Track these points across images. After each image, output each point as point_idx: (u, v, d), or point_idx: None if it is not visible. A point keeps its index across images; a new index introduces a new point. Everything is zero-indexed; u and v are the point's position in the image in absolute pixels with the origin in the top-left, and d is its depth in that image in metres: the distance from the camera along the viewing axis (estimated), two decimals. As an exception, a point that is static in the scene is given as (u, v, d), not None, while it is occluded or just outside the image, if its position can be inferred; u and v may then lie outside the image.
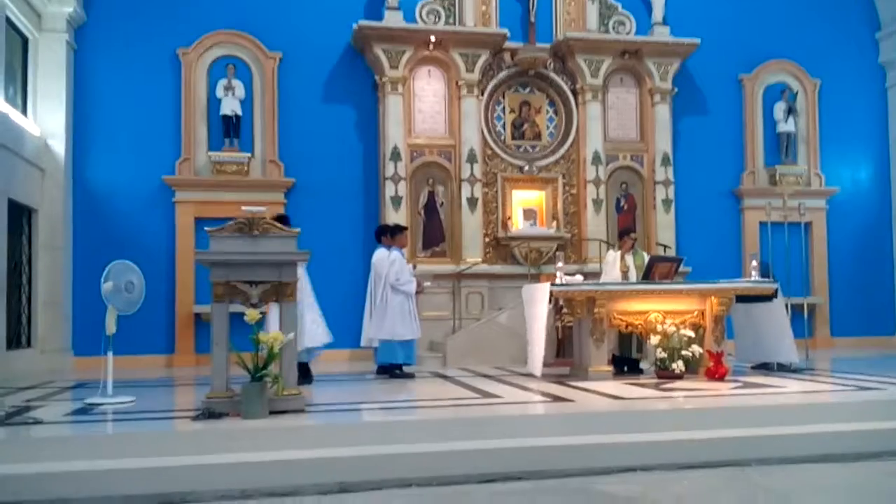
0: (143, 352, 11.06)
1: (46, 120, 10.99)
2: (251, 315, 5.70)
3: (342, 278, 11.79)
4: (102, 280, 6.85)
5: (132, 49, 11.58)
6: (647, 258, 9.10)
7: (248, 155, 11.67)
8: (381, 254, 9.04)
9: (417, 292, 9.09)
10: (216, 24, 11.78)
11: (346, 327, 11.80)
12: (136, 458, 4.90)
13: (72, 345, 11.11)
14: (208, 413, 5.60)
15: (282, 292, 5.94)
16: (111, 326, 6.88)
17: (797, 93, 13.65)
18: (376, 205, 12.10)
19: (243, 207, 5.98)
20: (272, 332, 5.68)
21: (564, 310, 8.85)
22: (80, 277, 11.04)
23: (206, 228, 5.97)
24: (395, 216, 11.63)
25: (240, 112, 11.63)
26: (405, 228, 9.63)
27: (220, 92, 11.60)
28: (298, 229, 6.15)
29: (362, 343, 9.17)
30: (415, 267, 9.44)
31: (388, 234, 9.20)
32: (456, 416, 6.19)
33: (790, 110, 13.49)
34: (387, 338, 8.84)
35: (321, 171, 11.97)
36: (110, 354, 6.89)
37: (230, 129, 11.61)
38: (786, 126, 13.48)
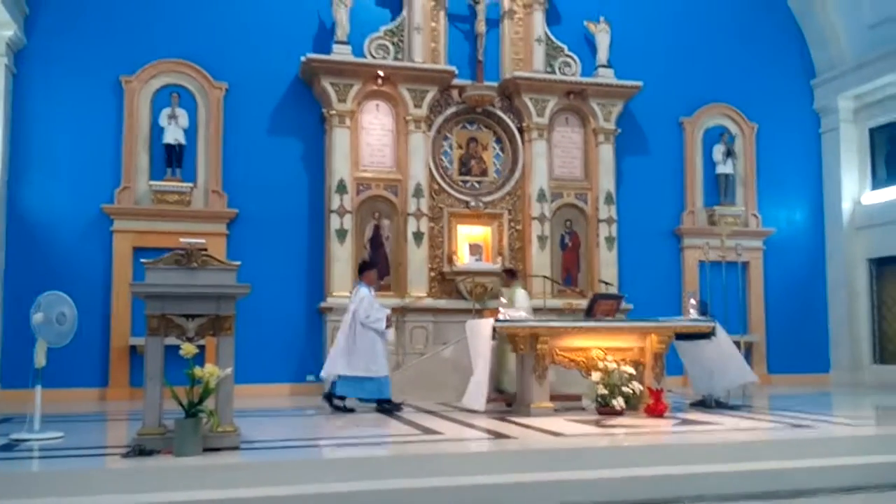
0: (76, 385, 10.71)
1: (-19, 145, 10.68)
2: (187, 349, 5.57)
3: (285, 312, 11.67)
4: (32, 311, 6.65)
5: (74, 75, 11.35)
6: (518, 294, 9.31)
7: (191, 185, 11.50)
8: (354, 290, 9.30)
9: (387, 327, 9.06)
10: (161, 53, 11.63)
11: (287, 361, 11.73)
12: (62, 497, 4.73)
13: (-1, 377, 10.71)
14: (139, 450, 5.43)
15: (219, 326, 5.83)
16: (40, 359, 6.67)
17: (735, 136, 14.07)
18: (321, 238, 12.02)
19: (182, 239, 5.86)
20: (208, 367, 5.55)
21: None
22: (9, 307, 10.65)
23: (142, 260, 5.84)
24: (339, 249, 11.60)
25: (183, 141, 11.47)
26: (371, 265, 9.79)
27: (163, 120, 11.43)
28: (238, 262, 6.04)
29: (322, 374, 9.14)
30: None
31: (359, 272, 9.51)
32: (395, 453, 6.12)
33: (728, 153, 13.87)
34: (358, 374, 8.80)
35: (265, 202, 11.84)
36: (38, 388, 6.67)
37: (173, 159, 11.42)
38: (724, 168, 13.85)
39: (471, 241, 12.60)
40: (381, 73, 12.01)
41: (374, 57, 12.15)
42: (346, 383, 8.86)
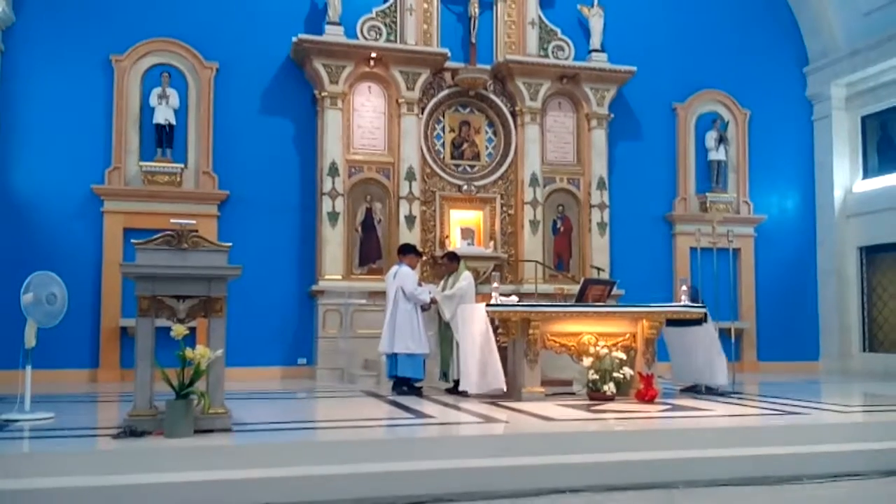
0: (66, 366, 10.67)
1: (-31, 123, 10.56)
2: (178, 330, 5.55)
3: (276, 294, 11.64)
4: (22, 291, 6.61)
5: (63, 53, 11.22)
6: (463, 276, 9.19)
7: (181, 165, 11.41)
8: (391, 270, 9.40)
9: (431, 303, 9.17)
10: (152, 32, 11.50)
11: (278, 344, 11.71)
12: (52, 478, 4.71)
13: (-12, 357, 10.63)
14: (130, 431, 5.42)
15: (210, 308, 5.80)
16: (30, 340, 6.64)
17: (728, 122, 14.05)
18: (313, 220, 11.97)
19: (172, 220, 5.82)
20: (199, 349, 5.53)
21: (500, 330, 8.88)
22: (-1, 287, 10.59)
23: (132, 241, 5.80)
24: (331, 232, 11.57)
25: (174, 121, 11.35)
26: (418, 252, 9.83)
27: (153, 100, 11.31)
28: (230, 243, 6.01)
29: (379, 349, 9.22)
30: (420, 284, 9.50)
31: (399, 252, 9.60)
32: (386, 436, 6.13)
33: (721, 139, 13.87)
34: (400, 352, 8.93)
35: (257, 184, 11.77)
36: (29, 368, 6.64)
37: (163, 139, 11.32)
38: (717, 154, 13.85)
39: (463, 225, 12.56)
40: (373, 54, 11.93)
41: (366, 38, 12.06)
42: (404, 364, 8.94)
